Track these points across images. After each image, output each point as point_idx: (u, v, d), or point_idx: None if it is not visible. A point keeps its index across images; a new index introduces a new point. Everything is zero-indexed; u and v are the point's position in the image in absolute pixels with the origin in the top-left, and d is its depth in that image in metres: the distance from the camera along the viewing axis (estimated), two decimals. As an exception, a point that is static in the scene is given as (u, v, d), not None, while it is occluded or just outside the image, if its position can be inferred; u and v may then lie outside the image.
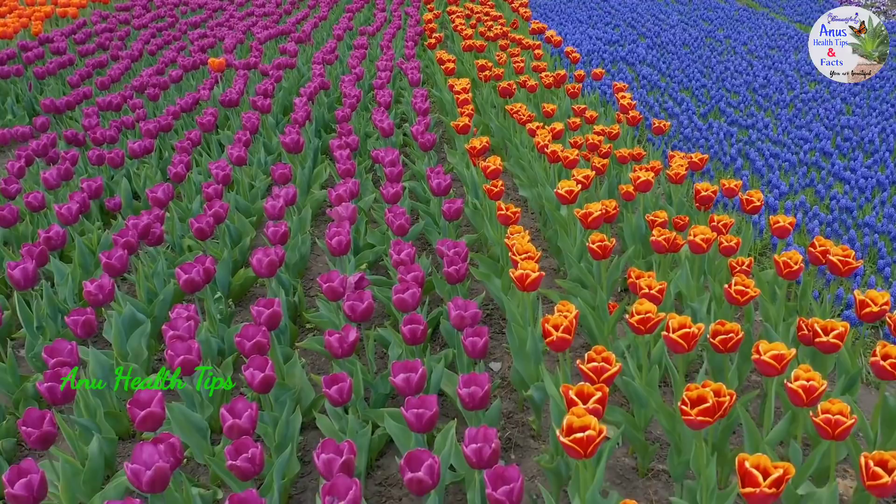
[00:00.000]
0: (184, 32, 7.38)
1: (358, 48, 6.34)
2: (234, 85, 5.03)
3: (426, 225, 3.44)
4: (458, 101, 4.15)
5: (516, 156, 4.26)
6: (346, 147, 3.80)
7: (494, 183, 2.93)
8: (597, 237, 2.41)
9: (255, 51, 6.17)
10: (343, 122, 4.22)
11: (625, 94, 4.33)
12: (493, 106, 5.10)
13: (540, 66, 5.23)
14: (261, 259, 2.50)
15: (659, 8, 10.39)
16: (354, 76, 5.25)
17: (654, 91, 6.25)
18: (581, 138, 3.81)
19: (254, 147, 4.44)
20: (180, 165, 3.51)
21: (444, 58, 5.20)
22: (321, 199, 3.91)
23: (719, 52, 7.74)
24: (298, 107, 4.41)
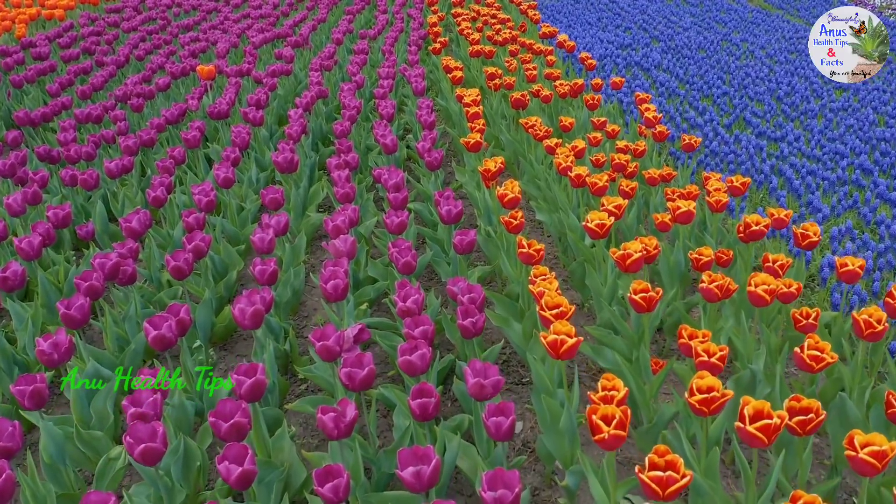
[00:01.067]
0: (175, 36, 7.02)
1: (358, 53, 5.98)
2: (224, 94, 4.67)
3: (434, 255, 3.08)
4: (469, 115, 3.79)
5: (531, 173, 3.90)
6: (345, 167, 3.43)
7: (514, 214, 2.57)
8: (639, 286, 2.05)
9: (249, 56, 5.81)
10: (342, 138, 3.85)
11: (649, 106, 3.97)
12: (504, 117, 4.74)
13: (553, 74, 4.87)
14: (244, 309, 2.13)
15: (670, 10, 10.02)
16: (354, 84, 4.89)
17: (672, 99, 5.89)
18: (603, 155, 3.45)
19: (244, 163, 4.08)
20: (160, 189, 3.14)
21: (451, 65, 4.83)
22: (317, 223, 3.55)
23: (737, 56, 7.37)
24: (293, 119, 4.05)
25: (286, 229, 2.87)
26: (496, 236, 3.03)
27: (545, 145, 3.51)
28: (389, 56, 5.86)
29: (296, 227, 3.50)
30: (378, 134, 3.82)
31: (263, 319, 2.20)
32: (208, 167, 4.05)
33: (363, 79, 5.05)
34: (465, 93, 4.27)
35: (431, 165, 3.47)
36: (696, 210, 2.79)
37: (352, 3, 9.24)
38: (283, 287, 2.79)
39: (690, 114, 5.29)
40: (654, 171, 3.24)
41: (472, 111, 3.77)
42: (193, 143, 3.73)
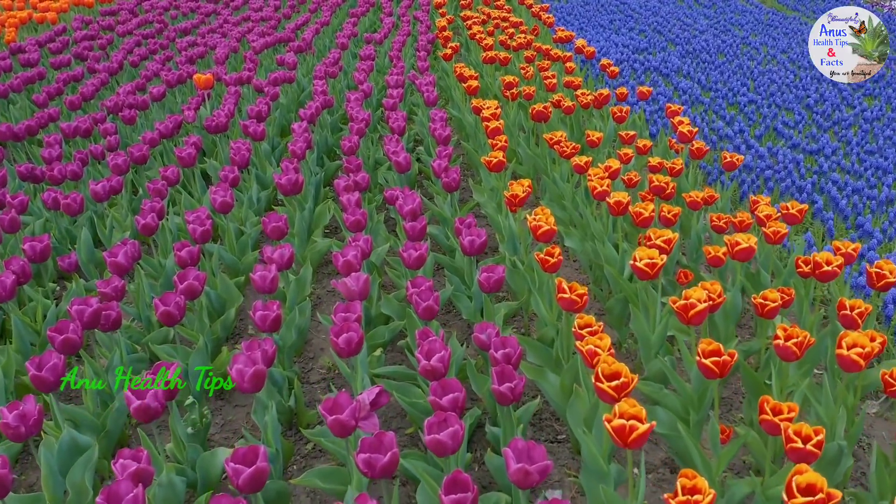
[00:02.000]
0: (172, 40, 6.71)
1: (364, 59, 5.67)
2: (223, 105, 4.36)
3: (455, 289, 2.77)
4: (488, 130, 3.48)
5: (553, 192, 3.59)
6: (354, 188, 3.13)
7: (551, 251, 2.26)
8: (708, 346, 1.74)
9: (250, 62, 5.50)
10: (351, 155, 3.55)
11: (682, 119, 3.66)
12: (522, 129, 4.43)
13: (574, 83, 4.56)
14: (242, 371, 1.83)
15: (683, 12, 9.71)
16: (361, 93, 4.58)
17: (696, 106, 5.58)
18: (636, 174, 3.14)
19: (245, 181, 3.78)
20: (150, 215, 2.83)
21: (465, 73, 4.52)
22: (324, 249, 3.24)
23: (758, 60, 7.06)
24: (297, 134, 3.74)
25: (290, 263, 2.56)
26: (524, 269, 2.72)
27: (573, 164, 3.20)
28: (397, 62, 5.55)
29: (300, 254, 3.19)
30: (389, 151, 3.52)
31: (265, 380, 1.89)
32: (205, 186, 3.74)
33: (370, 87, 4.74)
34: (483, 104, 3.97)
35: (449, 187, 3.16)
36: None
37: (356, 6, 8.93)
38: (286, 329, 2.49)
39: (718, 124, 4.98)
40: (697, 195, 2.93)
41: (493, 126, 3.46)
42: (188, 162, 3.42)
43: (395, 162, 3.36)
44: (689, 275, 2.66)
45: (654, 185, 2.94)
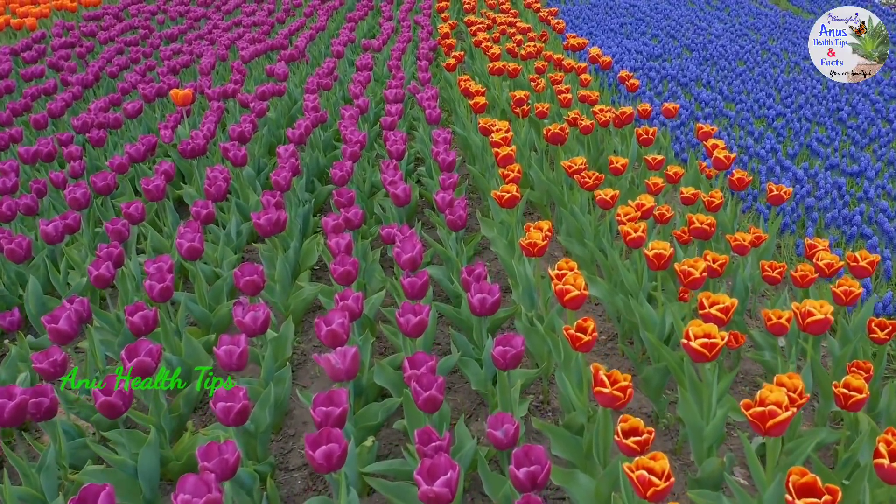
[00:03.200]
0: (156, 48, 6.29)
1: (361, 69, 5.25)
2: (203, 123, 3.94)
3: (462, 353, 2.35)
4: (499, 158, 3.06)
5: (572, 225, 3.17)
6: (345, 226, 2.71)
7: (584, 325, 1.83)
8: (801, 478, 1.32)
9: (237, 73, 5.08)
10: (342, 186, 3.13)
11: (717, 143, 3.24)
12: (535, 149, 4.01)
13: (590, 97, 4.14)
14: (189, 502, 1.41)
15: (696, 15, 9.28)
16: (357, 110, 4.16)
17: (719, 120, 5.15)
18: (669, 209, 2.73)
19: (223, 213, 3.36)
20: (105, 264, 2.41)
21: (471, 88, 4.10)
22: (310, 298, 2.82)
23: (781, 68, 6.64)
24: (283, 159, 3.32)
25: (265, 327, 2.14)
26: (544, 330, 2.30)
27: (597, 197, 2.77)
28: (397, 72, 5.13)
29: (282, 303, 2.77)
30: (386, 181, 3.09)
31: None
32: (178, 218, 3.31)
33: (367, 102, 4.31)
34: (492, 125, 3.55)
35: (454, 225, 2.74)
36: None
37: (353, 9, 8.51)
38: (260, 410, 2.06)
39: (746, 141, 4.56)
40: (744, 238, 2.51)
41: (504, 153, 3.04)
42: (155, 195, 2.99)
43: (392, 194, 2.94)
44: (741, 338, 2.23)
45: (695, 226, 2.52)
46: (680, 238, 2.74)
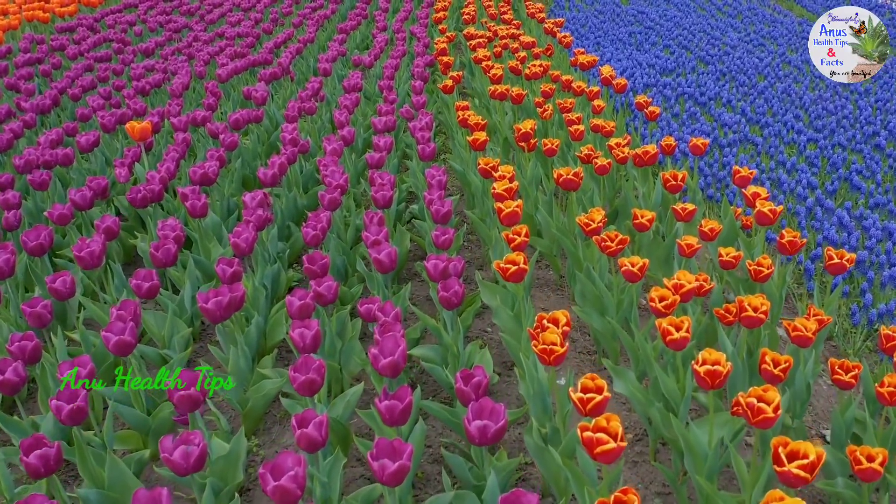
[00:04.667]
0: (128, 64, 5.80)
1: (349, 91, 4.76)
2: (164, 160, 3.45)
3: (459, 486, 1.86)
4: (502, 215, 2.56)
5: (588, 290, 2.67)
6: (314, 303, 2.22)
7: (606, 426, 1.33)
8: None
9: (211, 95, 4.58)
10: (315, 246, 2.63)
11: (759, 191, 2.75)
12: (543, 190, 3.51)
13: (605, 128, 3.64)
14: None
15: (707, 22, 8.79)
16: (341, 142, 3.66)
17: (745, 146, 4.66)
18: (706, 279, 2.25)
19: (177, 271, 2.87)
20: (12, 367, 1.92)
21: (469, 120, 3.60)
22: (272, 394, 2.31)
23: (805, 84, 6.14)
24: (248, 209, 2.82)
25: (201, 464, 1.64)
26: (560, 457, 1.80)
27: (622, 267, 2.28)
28: (388, 93, 4.64)
29: (238, 399, 2.28)
30: (369, 239, 2.60)
31: None
32: (124, 281, 2.81)
33: (352, 133, 3.82)
34: (493, 166, 3.05)
35: (448, 304, 2.24)
36: None
37: (346, 19, 8.01)
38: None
39: (779, 174, 4.06)
40: (807, 328, 2.01)
41: (508, 210, 2.54)
42: (90, 262, 2.49)
43: (374, 259, 2.45)
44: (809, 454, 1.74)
45: (747, 314, 2.03)
46: (723, 318, 2.25)
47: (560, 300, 3.20)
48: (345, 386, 2.46)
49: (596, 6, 9.87)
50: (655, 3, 10.14)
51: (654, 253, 3.03)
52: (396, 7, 8.95)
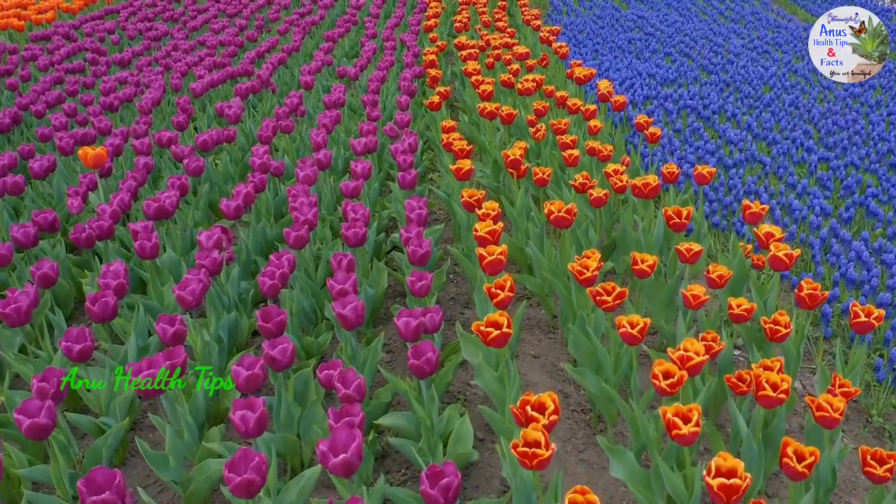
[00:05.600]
0: (101, 76, 5.50)
1: (331, 106, 4.46)
2: (119, 189, 3.15)
3: None
4: (484, 264, 2.27)
5: (583, 346, 2.38)
6: (265, 375, 1.93)
7: None
8: None
9: (182, 112, 4.29)
10: (271, 301, 2.34)
11: (773, 231, 2.47)
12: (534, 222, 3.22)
13: (602, 153, 3.35)
14: None
15: (709, 28, 8.51)
16: (315, 167, 3.37)
17: (751, 166, 4.37)
18: (715, 338, 1.97)
19: (130, 311, 2.58)
20: None
21: (454, 145, 3.31)
22: (216, 476, 2.01)
23: (813, 95, 5.84)
24: (203, 251, 2.52)
25: None
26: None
27: (620, 329, 1.99)
28: (372, 110, 4.34)
29: (182, 479, 1.98)
30: (334, 289, 2.30)
31: None
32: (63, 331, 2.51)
33: (329, 156, 3.52)
34: (478, 199, 2.77)
35: (421, 372, 1.95)
36: None
37: (335, 26, 7.72)
38: None
39: (789, 198, 3.77)
40: (832, 404, 1.72)
41: (491, 258, 2.24)
42: (17, 320, 2.19)
43: (339, 315, 2.15)
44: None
45: (765, 393, 1.73)
46: (736, 388, 1.96)
47: (552, 345, 2.91)
48: (305, 461, 2.17)
49: (594, 11, 9.58)
50: (656, 8, 9.85)
51: (656, 295, 2.74)
52: (389, 11, 8.66)
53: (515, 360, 2.78)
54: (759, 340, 2.46)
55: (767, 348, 2.39)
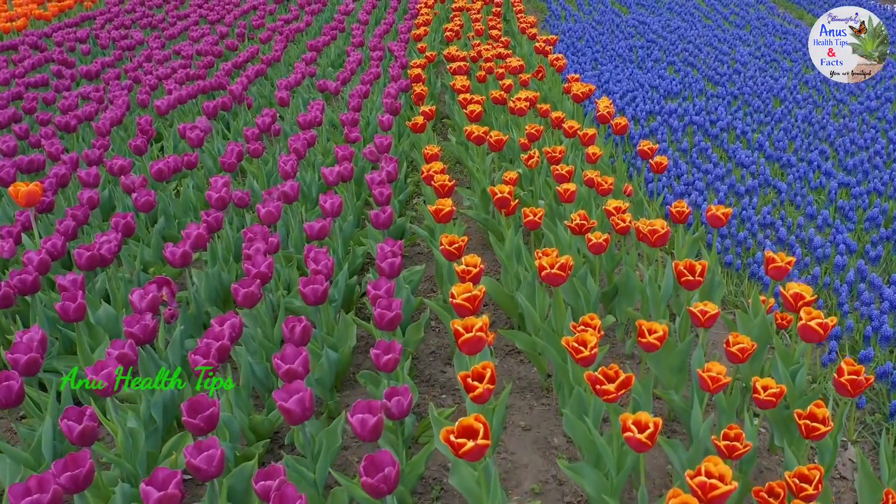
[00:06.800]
0: (61, 91, 5.12)
1: (306, 127, 4.09)
2: (55, 231, 2.78)
3: None
4: (460, 342, 1.89)
5: (576, 427, 2.01)
6: (181, 496, 1.55)
7: None
8: None
9: (142, 133, 3.92)
10: (201, 396, 1.96)
11: (801, 292, 2.10)
12: (526, 267, 2.84)
13: (602, 186, 2.98)
14: None
15: (714, 34, 8.13)
16: (279, 202, 2.99)
17: (765, 193, 3.99)
18: (738, 433, 1.60)
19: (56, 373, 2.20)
20: None
21: (435, 180, 2.93)
22: None
23: (827, 109, 5.46)
24: (135, 313, 2.15)
25: None
26: None
27: (626, 434, 1.61)
28: (350, 130, 3.97)
29: None
30: (280, 368, 1.93)
31: None
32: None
33: (296, 189, 3.15)
34: (458, 247, 2.39)
35: (377, 492, 1.57)
36: None
37: (320, 34, 7.33)
38: None
39: (809, 232, 3.39)
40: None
41: (467, 336, 1.86)
42: None
43: (281, 409, 1.78)
44: None
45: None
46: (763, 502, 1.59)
47: (545, 413, 2.53)
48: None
49: (594, 16, 9.21)
50: (658, 13, 9.48)
51: (664, 360, 2.36)
52: (380, 17, 8.28)
53: (503, 431, 2.42)
54: (786, 420, 2.10)
55: (795, 432, 2.02)
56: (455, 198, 4.10)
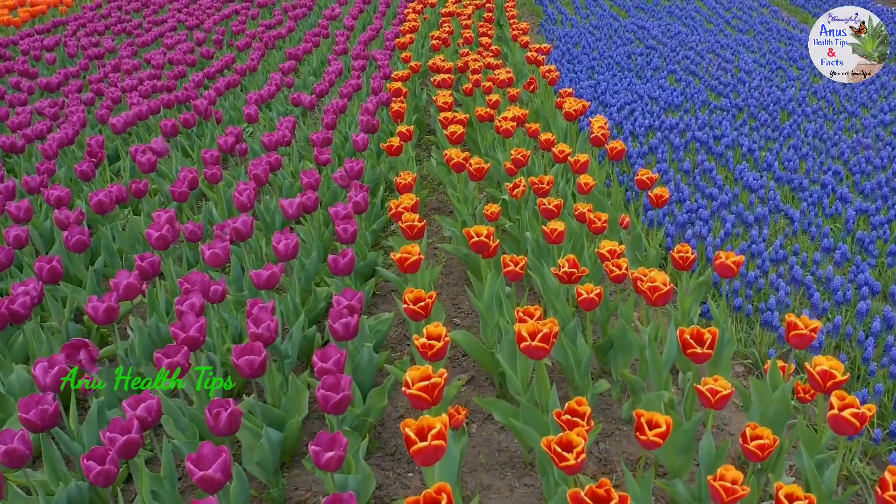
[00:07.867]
0: (14, 106, 4.76)
1: (270, 148, 3.73)
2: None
3: None
4: (413, 450, 1.52)
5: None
6: None
7: None
8: None
9: (89, 158, 3.56)
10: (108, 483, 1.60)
11: (822, 361, 1.74)
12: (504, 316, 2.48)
13: (596, 224, 2.62)
14: None
15: (716, 39, 7.77)
16: (226, 243, 2.63)
17: (775, 222, 3.63)
18: None
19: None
20: None
21: (404, 219, 2.57)
22: None
23: (838, 123, 5.09)
24: (40, 383, 1.79)
25: None
26: None
27: None
28: (322, 151, 3.62)
29: None
30: (193, 471, 1.57)
31: None
32: None
33: (249, 224, 2.78)
34: (423, 306, 2.04)
35: None
36: None
37: (302, 41, 6.96)
38: None
39: (827, 270, 3.03)
40: None
41: (422, 444, 1.49)
42: None
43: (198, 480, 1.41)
44: None
45: None
46: None
47: (527, 498, 2.17)
48: None
49: (591, 20, 8.85)
50: (658, 16, 9.14)
51: (668, 441, 2.00)
52: (367, 22, 7.92)
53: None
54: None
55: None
56: (434, 225, 3.75)
